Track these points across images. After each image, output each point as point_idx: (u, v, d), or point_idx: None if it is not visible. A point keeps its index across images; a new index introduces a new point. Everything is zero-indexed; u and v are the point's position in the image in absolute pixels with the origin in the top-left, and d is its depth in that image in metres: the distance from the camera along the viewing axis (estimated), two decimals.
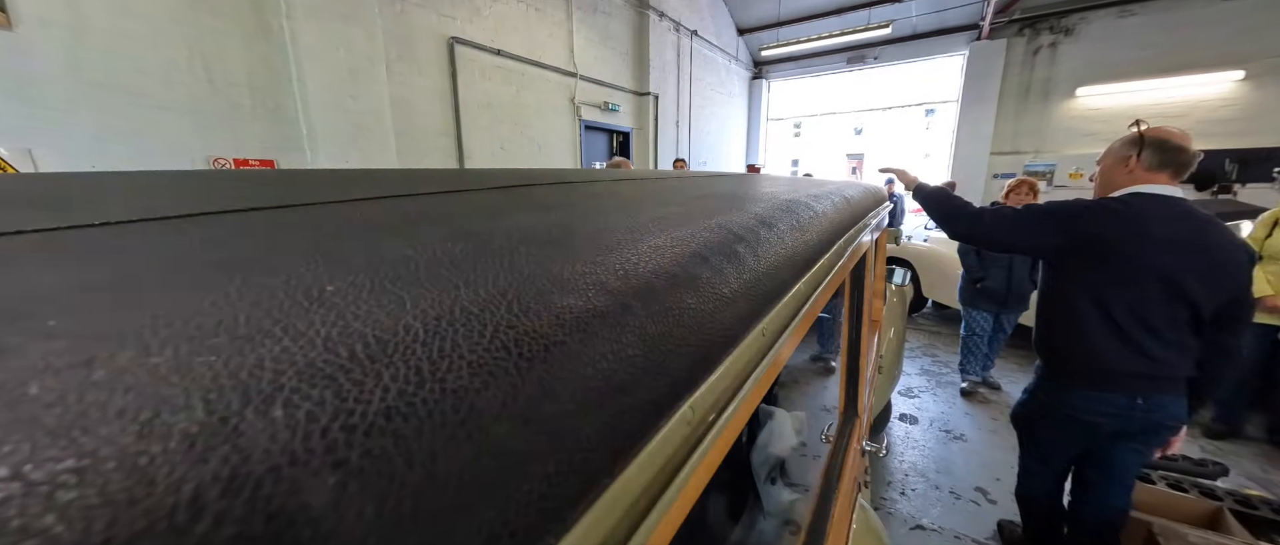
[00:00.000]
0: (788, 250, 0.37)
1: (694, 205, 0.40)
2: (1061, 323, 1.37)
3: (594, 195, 0.44)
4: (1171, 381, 1.28)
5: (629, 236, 0.27)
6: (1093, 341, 1.28)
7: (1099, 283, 1.26)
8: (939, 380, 3.57)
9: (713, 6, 7.94)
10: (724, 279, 0.27)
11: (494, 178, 0.57)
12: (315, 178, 0.53)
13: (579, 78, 5.28)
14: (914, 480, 2.46)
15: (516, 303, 0.17)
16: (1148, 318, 1.23)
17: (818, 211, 0.53)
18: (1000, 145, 7.56)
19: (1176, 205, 1.23)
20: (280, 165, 3.07)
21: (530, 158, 4.89)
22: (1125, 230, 1.22)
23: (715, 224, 0.34)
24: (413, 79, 3.68)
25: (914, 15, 7.67)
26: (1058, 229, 1.31)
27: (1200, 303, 1.20)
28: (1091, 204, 1.30)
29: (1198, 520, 1.72)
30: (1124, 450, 1.37)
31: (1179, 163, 1.25)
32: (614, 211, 0.33)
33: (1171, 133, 1.26)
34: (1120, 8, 6.49)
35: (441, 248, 0.21)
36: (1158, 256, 1.20)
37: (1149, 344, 1.23)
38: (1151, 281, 1.21)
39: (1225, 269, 1.20)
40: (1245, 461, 2.47)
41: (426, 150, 3.88)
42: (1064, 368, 1.38)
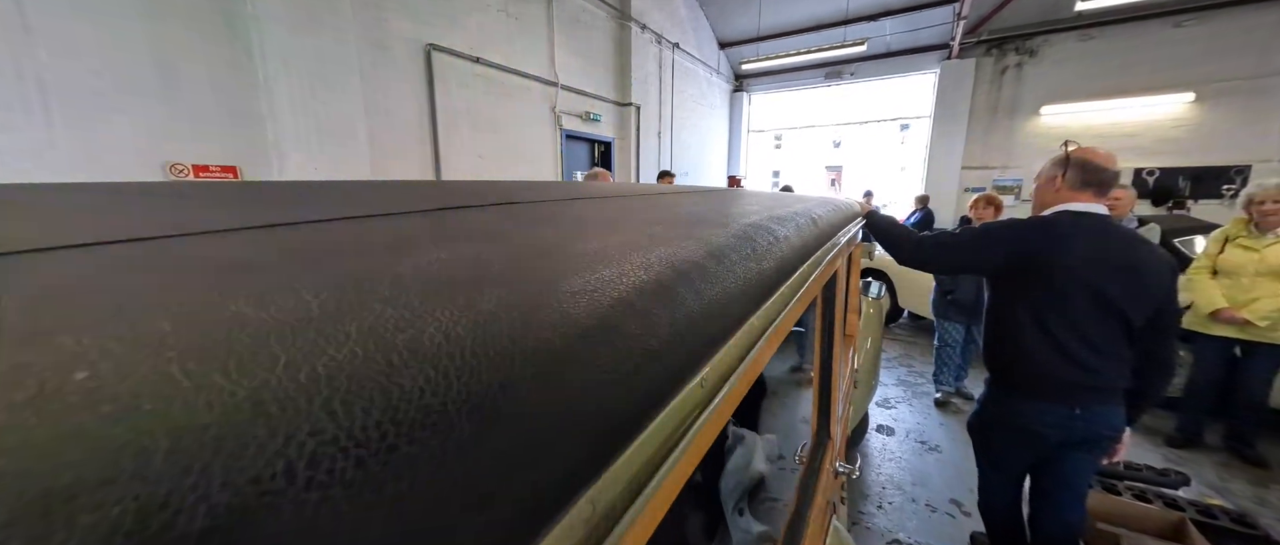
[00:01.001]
0: (738, 285, 0.34)
1: (640, 233, 0.37)
2: (1003, 337, 1.41)
3: (534, 220, 0.41)
4: (1107, 392, 1.32)
5: (547, 281, 0.23)
6: (1031, 354, 1.33)
7: (1034, 298, 1.31)
8: (915, 390, 3.61)
9: (694, 20, 8.06)
10: (654, 328, 0.24)
11: (427, 196, 0.53)
12: (268, 192, 0.49)
13: (560, 87, 5.26)
14: (891, 493, 2.46)
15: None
16: (1082, 331, 1.27)
17: (778, 237, 0.50)
18: (971, 160, 7.81)
19: (1101, 222, 1.29)
20: (245, 172, 2.95)
21: (510, 167, 4.83)
22: (1053, 247, 1.28)
23: (657, 257, 0.30)
24: (388, 86, 3.60)
25: (888, 34, 7.91)
26: (993, 249, 1.37)
27: (1129, 315, 1.25)
28: (1022, 223, 1.37)
29: (1162, 531, 1.76)
30: (1072, 459, 1.41)
31: (1099, 182, 1.30)
32: (539, 251, 0.29)
33: (1095, 153, 1.32)
34: (1080, 32, 6.81)
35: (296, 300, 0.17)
36: (1084, 272, 1.24)
37: (1084, 356, 1.27)
38: (1080, 296, 1.25)
39: (1149, 283, 1.25)
40: (1205, 470, 2.55)
41: (402, 159, 3.79)
42: (1007, 379, 1.43)
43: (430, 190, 0.62)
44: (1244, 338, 2.46)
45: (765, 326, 0.38)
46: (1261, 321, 2.35)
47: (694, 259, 0.32)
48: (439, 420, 0.13)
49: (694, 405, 0.26)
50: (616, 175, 6.57)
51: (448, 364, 0.14)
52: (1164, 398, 1.47)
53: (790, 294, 0.46)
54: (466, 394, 0.14)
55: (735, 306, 0.32)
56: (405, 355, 0.14)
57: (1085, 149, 1.34)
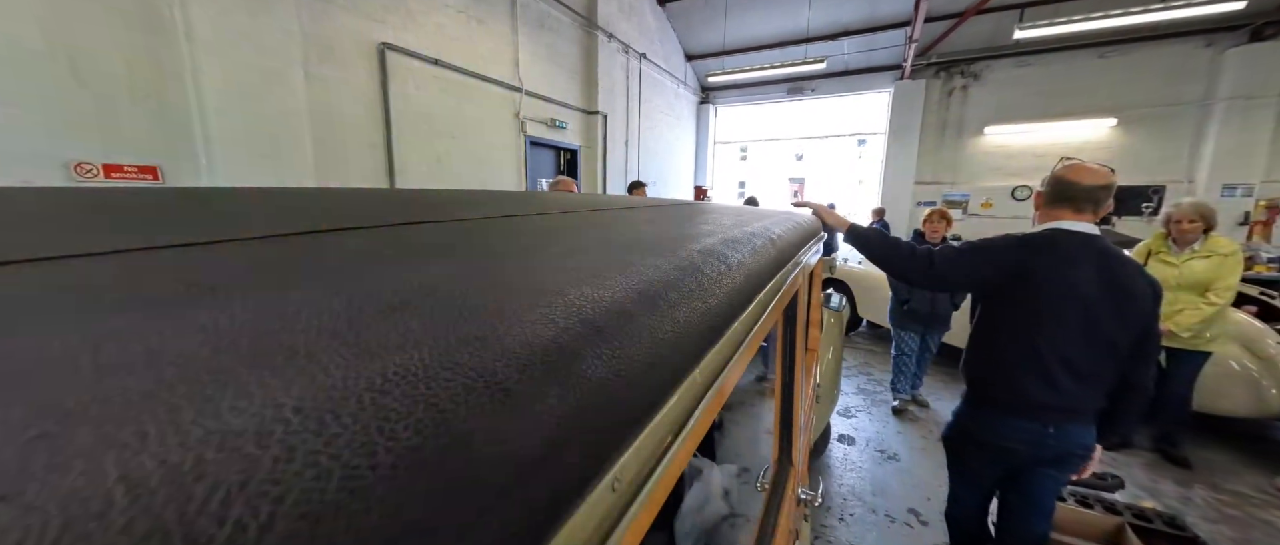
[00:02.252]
0: (675, 334, 0.28)
1: (566, 269, 0.30)
2: (986, 353, 1.40)
3: (457, 243, 0.33)
4: (1081, 413, 1.32)
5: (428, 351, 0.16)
6: (1012, 373, 1.31)
7: (1025, 316, 1.29)
8: (874, 398, 3.68)
9: (661, 32, 8.13)
10: (544, 401, 0.17)
11: (364, 210, 0.44)
12: (189, 201, 0.40)
13: (524, 93, 5.14)
14: (852, 504, 2.47)
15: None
16: (1066, 353, 1.25)
17: (732, 264, 0.44)
18: (923, 175, 8.21)
19: (1093, 242, 1.27)
20: (167, 174, 2.68)
21: (471, 173, 4.66)
22: (1048, 265, 1.25)
23: (566, 308, 0.24)
24: (337, 85, 3.39)
25: (846, 53, 8.25)
26: (991, 264, 1.34)
27: (1115, 338, 1.24)
28: (1019, 239, 1.33)
29: (1103, 536, 1.83)
30: (1040, 476, 1.41)
31: (1070, 196, 1.28)
32: (453, 286, 0.22)
33: (1074, 169, 1.30)
34: (1018, 58, 7.31)
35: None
36: (1077, 292, 1.23)
37: (1065, 380, 1.26)
38: (1072, 316, 1.23)
39: (1136, 305, 1.23)
40: (1136, 471, 2.70)
41: (352, 162, 3.57)
42: (984, 393, 1.41)
43: (369, 202, 0.54)
44: (1168, 345, 2.63)
45: (711, 379, 0.32)
46: (1183, 332, 2.52)
47: (617, 305, 0.26)
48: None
49: (605, 512, 0.20)
50: (583, 184, 6.48)
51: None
52: (1137, 421, 1.49)
53: (743, 333, 0.41)
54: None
55: (665, 369, 0.26)
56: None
57: (1070, 165, 1.32)
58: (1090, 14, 5.11)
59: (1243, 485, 2.59)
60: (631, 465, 0.21)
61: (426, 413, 0.14)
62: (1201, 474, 2.69)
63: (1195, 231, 2.54)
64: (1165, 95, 6.52)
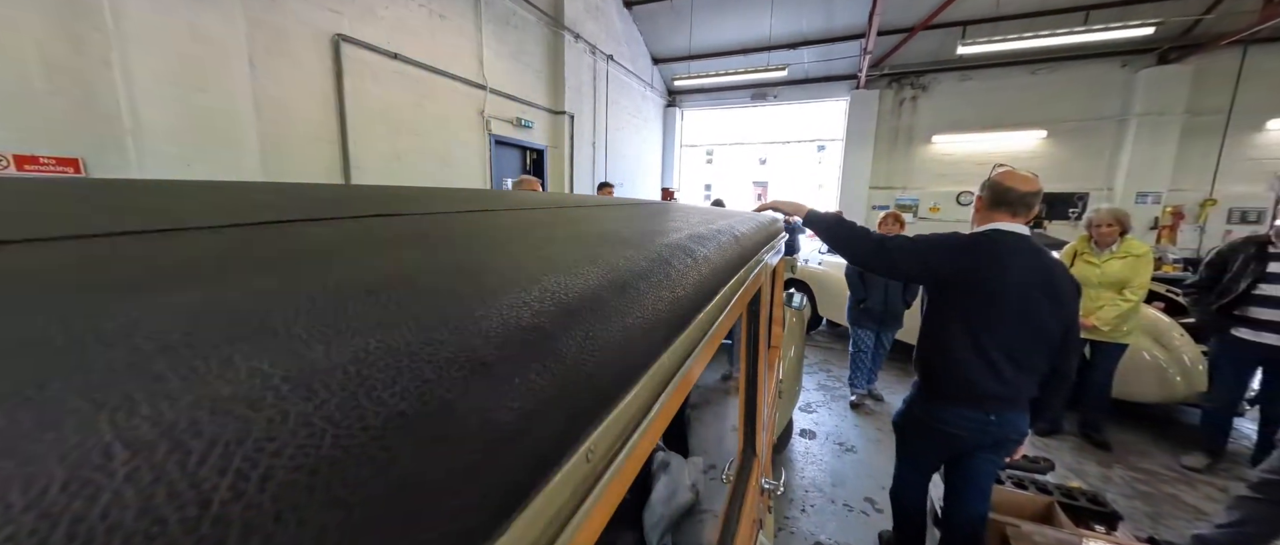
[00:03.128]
0: (644, 322, 0.29)
1: (538, 259, 0.31)
2: (936, 346, 1.48)
3: (400, 239, 0.33)
4: (1019, 401, 1.44)
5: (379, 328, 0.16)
6: (960, 365, 1.41)
7: (971, 312, 1.38)
8: (833, 394, 3.84)
9: (628, 34, 8.17)
10: (523, 376, 0.18)
11: (325, 203, 0.43)
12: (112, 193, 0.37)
13: (489, 91, 5.04)
14: (813, 496, 2.56)
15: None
16: (1008, 346, 1.35)
17: (697, 258, 0.46)
18: (877, 181, 8.63)
19: (1025, 241, 1.38)
20: (91, 167, 2.46)
21: (433, 171, 4.52)
22: (985, 265, 1.35)
23: (539, 294, 0.25)
24: (287, 76, 3.20)
25: (806, 61, 8.56)
26: (940, 259, 1.42)
27: (1049, 330, 1.35)
28: (964, 237, 1.43)
29: (1035, 514, 1.98)
30: (980, 460, 1.54)
31: (1007, 201, 1.39)
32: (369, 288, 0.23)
33: (1009, 175, 1.42)
34: (960, 73, 7.82)
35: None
36: (1015, 289, 1.33)
37: (1007, 370, 1.37)
38: (1012, 312, 1.33)
39: (1063, 301, 1.35)
40: (1065, 455, 2.94)
41: (304, 159, 3.39)
42: (934, 385, 1.51)
43: (330, 196, 0.52)
44: (1091, 338, 2.89)
45: (674, 370, 0.34)
46: (1104, 326, 2.77)
47: (590, 292, 0.27)
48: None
49: (581, 479, 0.21)
50: (550, 184, 6.42)
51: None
52: (1063, 406, 1.63)
53: (705, 325, 0.43)
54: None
55: (635, 353, 0.27)
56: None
57: (1005, 172, 1.43)
58: (1023, 33, 5.55)
59: (1154, 464, 2.87)
60: (604, 439, 0.22)
61: (411, 381, 0.15)
62: (1119, 455, 2.96)
63: (1113, 235, 2.80)
64: (1088, 110, 7.14)
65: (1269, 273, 2.48)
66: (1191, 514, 2.42)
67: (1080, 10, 6.22)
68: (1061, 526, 1.82)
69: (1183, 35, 6.30)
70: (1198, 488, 2.64)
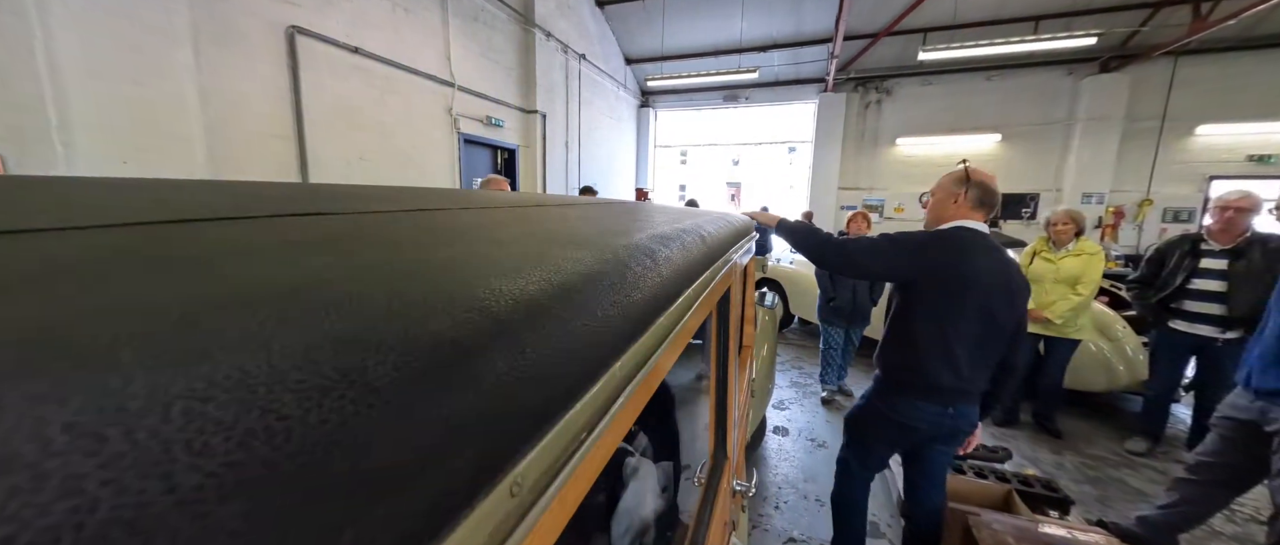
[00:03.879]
0: (596, 328, 0.26)
1: (473, 263, 0.28)
2: (902, 341, 1.50)
3: (337, 236, 0.29)
4: (974, 394, 1.49)
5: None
6: (926, 360, 1.43)
7: (936, 308, 1.41)
8: (805, 391, 3.90)
9: (601, 33, 8.12)
10: (427, 402, 0.15)
11: (247, 201, 0.39)
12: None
13: (457, 88, 4.90)
14: (786, 492, 2.58)
15: None
16: (970, 341, 1.39)
17: (659, 259, 0.44)
18: (845, 182, 8.86)
19: (988, 240, 1.42)
20: (11, 163, 2.25)
21: (398, 171, 4.36)
22: (957, 261, 1.38)
23: (484, 290, 0.22)
24: (236, 69, 3.02)
25: (777, 64, 8.72)
26: (907, 257, 1.44)
27: (1004, 327, 1.40)
28: (931, 235, 1.45)
29: (994, 502, 2.06)
30: (934, 451, 1.59)
31: (992, 204, 1.45)
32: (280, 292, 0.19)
33: (988, 177, 1.46)
34: (922, 78, 8.13)
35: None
36: (979, 285, 1.36)
37: (966, 365, 1.40)
38: (974, 308, 1.37)
39: (1017, 299, 1.40)
40: (1021, 444, 3.07)
41: (256, 156, 3.20)
42: (897, 379, 1.53)
43: (255, 194, 0.47)
44: (1045, 333, 3.03)
45: (627, 381, 0.31)
46: (1058, 319, 2.91)
47: (528, 299, 0.24)
48: None
49: (504, 516, 0.18)
50: (522, 184, 6.30)
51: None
52: (1010, 398, 1.68)
53: (667, 328, 0.40)
54: None
55: (577, 363, 0.24)
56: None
57: (978, 171, 1.45)
58: (979, 41, 5.80)
59: (1101, 450, 3.03)
60: (535, 468, 0.19)
61: (259, 421, 0.12)
62: (1070, 442, 3.11)
63: (1068, 233, 2.95)
64: (1038, 115, 7.54)
65: (1201, 268, 2.65)
66: (1136, 497, 2.56)
67: (1031, 20, 6.56)
68: (1019, 513, 1.90)
69: (1121, 46, 6.73)
70: (1140, 471, 2.80)
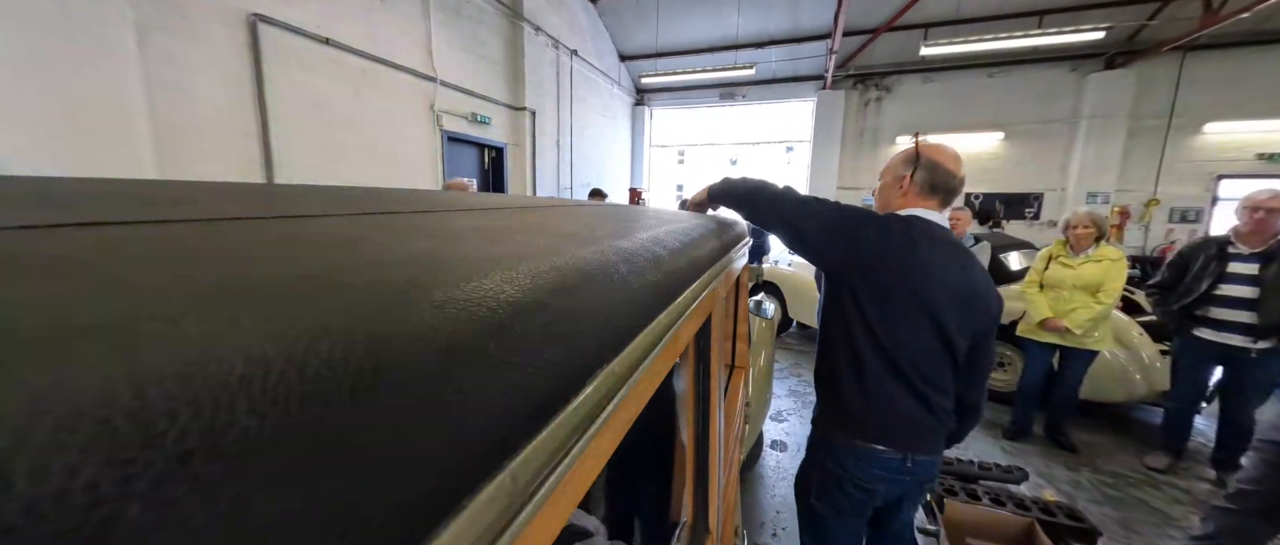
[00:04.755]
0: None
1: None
2: (833, 355, 1.16)
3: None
4: (936, 434, 1.13)
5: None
6: (865, 379, 1.09)
7: (871, 309, 1.08)
8: (805, 400, 3.71)
9: (594, 29, 7.91)
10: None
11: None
12: None
13: (439, 83, 4.69)
14: (785, 517, 2.39)
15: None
16: (917, 358, 1.07)
17: (622, 275, 0.24)
18: (844, 181, 8.68)
19: (946, 233, 1.12)
20: None
21: (376, 170, 4.15)
22: (905, 255, 1.06)
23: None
24: (189, 60, 2.80)
25: (774, 61, 8.53)
26: (843, 232, 1.11)
27: (955, 343, 1.07)
28: (871, 216, 1.13)
29: (1016, 537, 1.86)
30: (900, 514, 1.24)
31: (948, 189, 1.13)
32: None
33: (944, 155, 1.13)
34: (923, 75, 7.95)
35: None
36: (927, 289, 1.05)
37: (921, 387, 1.08)
38: (920, 316, 1.06)
39: (979, 308, 1.09)
40: (1034, 459, 2.88)
41: (213, 155, 2.97)
42: (836, 413, 1.16)
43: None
44: (1063, 343, 2.85)
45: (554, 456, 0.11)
46: (1077, 329, 2.72)
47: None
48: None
49: None
50: (511, 184, 6.10)
51: None
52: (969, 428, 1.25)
53: (611, 389, 0.21)
54: None
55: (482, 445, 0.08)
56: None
57: (934, 146, 1.14)
58: (983, 35, 5.62)
59: (1118, 465, 2.85)
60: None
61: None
62: (1085, 457, 2.93)
63: (1089, 237, 2.76)
64: (1041, 113, 7.37)
65: (1229, 273, 2.48)
66: (1161, 519, 2.38)
67: (1035, 15, 6.38)
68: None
69: (1128, 41, 6.56)
70: (1163, 490, 2.62)
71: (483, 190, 5.75)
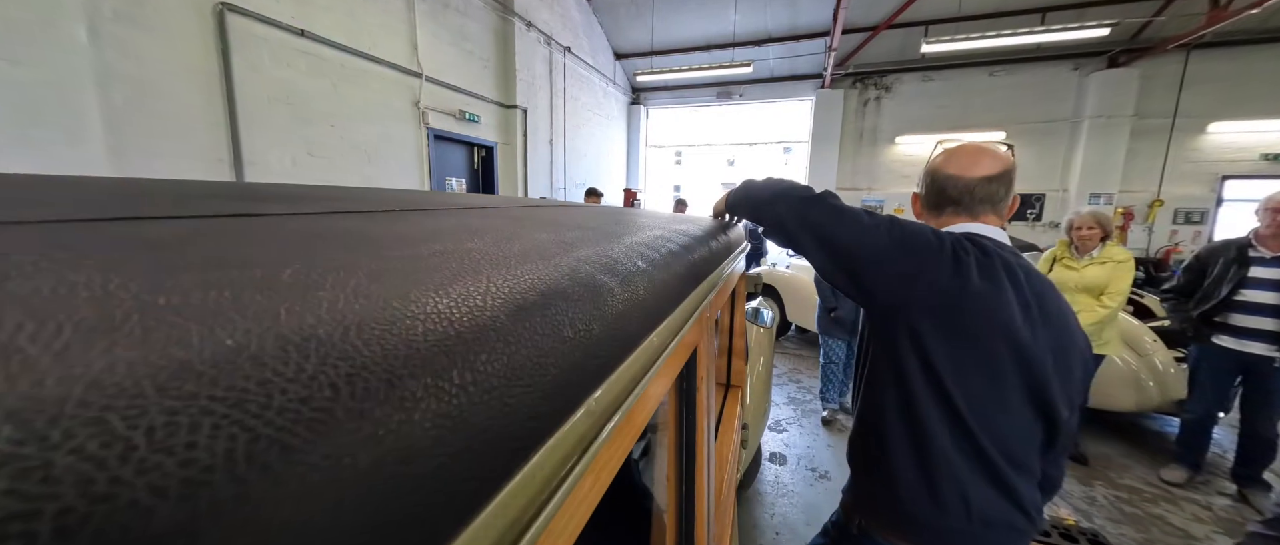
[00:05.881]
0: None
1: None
2: (887, 425, 0.84)
3: None
4: (1020, 533, 0.81)
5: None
6: (934, 463, 0.79)
7: (954, 367, 0.77)
8: (804, 408, 3.57)
9: (588, 26, 7.75)
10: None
11: None
12: None
13: (425, 79, 4.52)
14: (785, 537, 2.24)
15: None
16: (1009, 431, 0.78)
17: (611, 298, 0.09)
18: (843, 182, 8.55)
19: (1009, 254, 0.82)
20: None
21: (356, 168, 3.98)
22: (986, 284, 0.76)
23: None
24: (146, 50, 2.62)
25: (772, 58, 8.39)
26: (904, 260, 0.80)
27: (1055, 404, 0.78)
28: (945, 233, 0.83)
29: None
30: None
31: (953, 200, 0.88)
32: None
33: (950, 157, 0.91)
34: (923, 73, 7.82)
35: None
36: (1016, 333, 0.76)
37: (1011, 476, 0.78)
38: (1016, 372, 0.77)
39: (1076, 358, 0.82)
40: None
41: (175, 151, 2.80)
42: (883, 505, 0.86)
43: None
44: None
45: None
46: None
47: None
48: None
49: None
50: (501, 184, 5.93)
51: None
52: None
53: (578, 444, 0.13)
54: None
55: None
56: None
57: (949, 149, 0.92)
58: (985, 33, 5.50)
59: (1133, 478, 2.71)
60: None
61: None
62: (1097, 469, 2.79)
63: (1094, 238, 2.65)
64: (1043, 112, 7.25)
65: (1250, 278, 2.35)
66: (1182, 538, 2.24)
67: (1037, 11, 6.26)
68: None
69: (1131, 39, 6.45)
70: (1182, 505, 2.49)
71: (472, 191, 5.58)
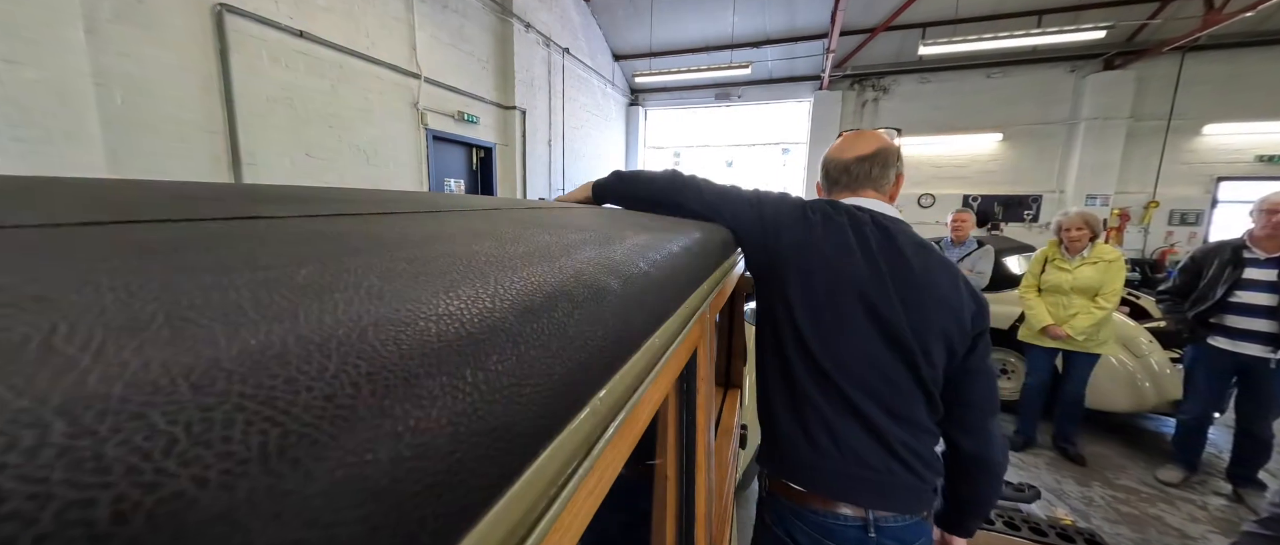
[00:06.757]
0: None
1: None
2: (769, 380, 0.92)
3: None
4: (913, 491, 0.83)
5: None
6: (814, 419, 0.83)
7: (810, 315, 0.84)
8: None
9: (586, 27, 7.76)
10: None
11: None
12: None
13: (424, 80, 4.52)
14: None
15: None
16: (871, 377, 0.82)
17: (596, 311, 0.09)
18: None
19: (884, 219, 0.88)
20: None
21: (355, 170, 3.97)
22: (835, 242, 0.85)
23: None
24: (145, 51, 2.62)
25: (770, 60, 8.41)
26: (764, 217, 0.90)
27: (916, 357, 0.81)
28: (806, 201, 0.95)
29: None
30: None
31: (842, 177, 0.96)
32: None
33: (837, 146, 1.00)
34: (920, 75, 7.85)
35: None
36: (861, 281, 0.81)
37: (876, 415, 0.81)
38: (860, 317, 0.82)
39: (936, 310, 0.82)
40: (1043, 473, 2.76)
41: (174, 152, 2.79)
42: (778, 462, 0.88)
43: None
44: (1065, 348, 2.75)
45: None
46: (1078, 335, 2.62)
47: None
48: None
49: None
50: (500, 185, 5.93)
51: None
52: (991, 507, 1.00)
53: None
54: None
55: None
56: None
57: (839, 139, 1.01)
58: (982, 35, 5.52)
59: (1130, 479, 2.73)
60: None
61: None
62: (1095, 470, 2.81)
63: (1083, 239, 2.66)
64: (1040, 114, 7.28)
65: (1245, 279, 2.37)
66: (1178, 538, 2.25)
67: (1034, 14, 6.29)
68: None
69: (1127, 41, 6.48)
70: (1178, 505, 2.50)
71: (471, 192, 5.58)
